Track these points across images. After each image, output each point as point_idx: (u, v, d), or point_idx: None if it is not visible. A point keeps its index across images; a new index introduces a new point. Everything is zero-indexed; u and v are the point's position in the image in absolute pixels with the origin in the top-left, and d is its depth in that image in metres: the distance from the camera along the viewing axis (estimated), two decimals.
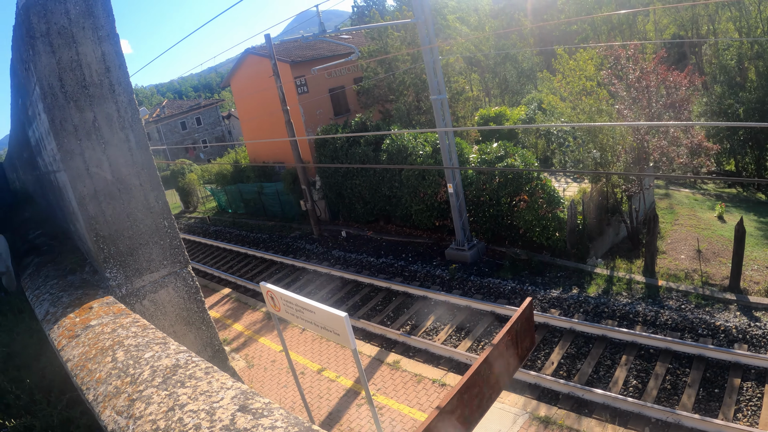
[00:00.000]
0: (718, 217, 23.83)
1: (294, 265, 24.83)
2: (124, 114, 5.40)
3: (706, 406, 11.83)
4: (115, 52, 5.30)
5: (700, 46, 44.20)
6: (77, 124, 5.12)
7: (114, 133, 5.35)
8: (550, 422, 11.63)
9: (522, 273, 19.13)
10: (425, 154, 23.40)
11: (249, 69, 36.68)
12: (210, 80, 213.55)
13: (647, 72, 19.27)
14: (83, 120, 5.15)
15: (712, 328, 14.33)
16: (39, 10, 4.80)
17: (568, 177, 28.03)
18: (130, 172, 5.48)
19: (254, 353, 17.08)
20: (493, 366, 4.73)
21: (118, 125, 5.37)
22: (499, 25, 49.25)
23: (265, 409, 2.32)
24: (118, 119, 5.36)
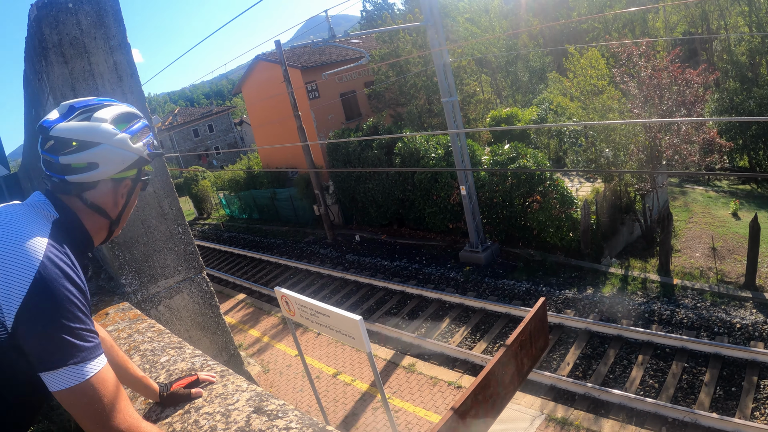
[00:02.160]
0: (733, 214, 23.68)
1: (308, 269, 24.87)
2: None
3: (723, 405, 11.77)
4: (126, 61, 5.34)
5: (711, 42, 43.94)
6: None
7: None
8: (567, 423, 11.61)
9: (536, 274, 19.09)
10: (437, 156, 23.40)
11: (260, 75, 36.77)
12: (221, 87, 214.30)
13: (659, 69, 19.18)
14: None
15: (728, 326, 14.26)
16: (51, 21, 4.85)
17: (581, 177, 27.96)
18: None
19: (270, 358, 17.14)
20: (506, 367, 4.74)
21: None
22: (508, 26, 49.20)
23: (280, 410, 2.34)
24: None
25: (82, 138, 2.00)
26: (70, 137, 1.99)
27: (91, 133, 2.01)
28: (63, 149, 2.00)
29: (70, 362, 1.71)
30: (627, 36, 39.83)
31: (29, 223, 1.89)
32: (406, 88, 30.21)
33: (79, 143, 2.00)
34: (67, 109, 2.06)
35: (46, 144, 2.02)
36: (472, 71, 34.48)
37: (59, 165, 2.00)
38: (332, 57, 34.43)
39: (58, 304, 1.73)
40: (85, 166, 2.02)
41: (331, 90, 33.19)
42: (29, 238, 1.81)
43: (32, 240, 1.80)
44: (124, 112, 2.18)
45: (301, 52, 35.95)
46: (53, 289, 1.73)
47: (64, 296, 1.75)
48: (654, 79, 19.06)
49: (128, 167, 2.15)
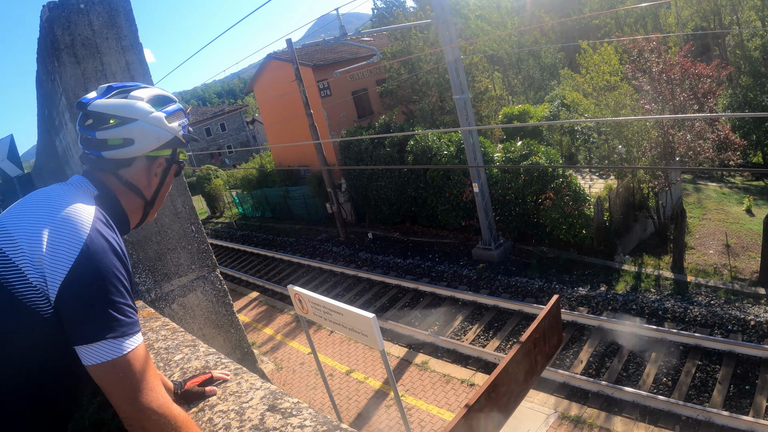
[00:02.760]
0: (747, 211, 23.56)
1: (321, 267, 24.89)
2: None
3: (737, 403, 11.71)
4: (138, 60, 5.38)
5: (723, 37, 43.64)
6: None
7: None
8: (580, 421, 11.57)
9: (549, 271, 19.05)
10: (450, 154, 23.37)
11: (271, 74, 36.83)
12: (233, 86, 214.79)
13: (671, 64, 19.06)
14: None
15: (742, 323, 14.17)
16: (63, 22, 4.88)
17: (594, 174, 27.86)
18: None
19: (283, 356, 17.17)
20: (520, 364, 4.73)
21: None
22: (520, 22, 49.04)
23: (294, 408, 2.35)
24: None
25: (118, 114, 2.07)
26: (107, 113, 2.06)
27: (127, 110, 2.08)
28: (100, 125, 2.06)
29: (108, 336, 1.71)
30: (639, 32, 39.65)
31: (73, 196, 1.92)
32: (418, 86, 30.18)
33: (116, 119, 2.07)
34: (105, 89, 2.14)
35: (85, 121, 2.10)
36: (484, 68, 34.35)
37: (96, 141, 2.07)
38: (344, 55, 34.45)
39: (103, 276, 1.74)
40: (121, 142, 2.08)
41: (343, 88, 33.22)
42: (74, 210, 1.83)
43: (78, 212, 1.83)
44: (160, 94, 2.26)
45: (312, 51, 35.99)
46: (99, 261, 1.75)
47: (110, 270, 1.77)
48: (665, 74, 18.95)
49: (163, 146, 2.21)
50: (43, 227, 1.75)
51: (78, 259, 1.70)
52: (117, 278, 1.78)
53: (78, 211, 1.83)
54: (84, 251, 1.72)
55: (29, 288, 1.69)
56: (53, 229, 1.74)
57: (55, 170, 9.64)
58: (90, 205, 1.90)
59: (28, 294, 1.69)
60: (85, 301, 1.70)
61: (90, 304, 1.71)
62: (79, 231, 1.76)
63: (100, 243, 1.79)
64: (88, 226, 1.79)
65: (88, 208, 1.87)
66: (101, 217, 1.90)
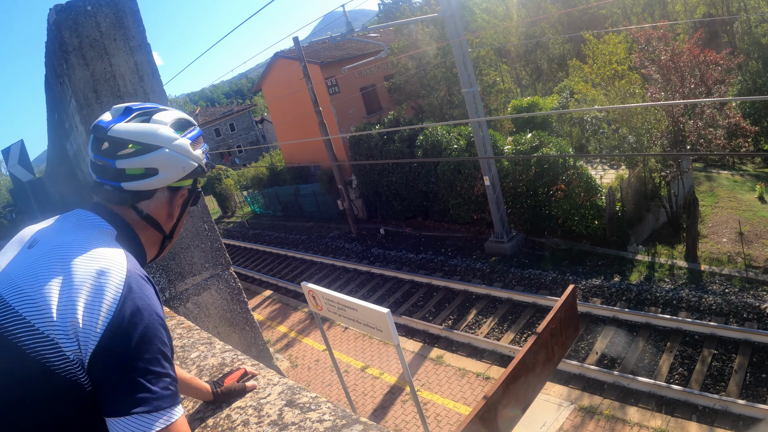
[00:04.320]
0: (759, 198, 23.38)
1: (334, 264, 24.94)
2: None
3: (753, 392, 11.66)
4: (147, 61, 5.37)
5: (731, 23, 43.33)
6: None
7: None
8: (596, 412, 11.55)
9: (562, 263, 19.00)
10: (460, 147, 23.33)
11: (279, 72, 36.89)
12: (241, 86, 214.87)
13: (679, 52, 18.95)
14: None
15: (757, 311, 14.10)
16: (70, 24, 4.88)
17: (605, 164, 27.75)
18: None
19: (298, 353, 17.21)
20: (537, 355, 4.71)
21: None
22: (526, 14, 48.84)
23: (313, 403, 2.34)
24: None
25: (141, 140, 1.85)
26: (128, 139, 1.83)
27: (151, 136, 1.87)
28: (119, 152, 1.84)
29: (137, 410, 1.48)
30: (647, 20, 39.42)
31: (94, 243, 1.69)
32: (426, 80, 30.16)
33: (137, 146, 1.84)
34: (123, 111, 1.91)
35: (101, 146, 1.85)
36: (492, 61, 34.31)
37: (114, 170, 1.84)
38: (351, 52, 34.47)
39: (139, 343, 1.52)
40: (143, 172, 1.87)
41: (351, 85, 33.24)
42: (103, 265, 1.61)
43: (107, 267, 1.61)
44: (182, 117, 2.04)
45: (319, 48, 36.05)
46: (135, 325, 1.54)
47: (147, 335, 1.55)
48: (673, 62, 18.83)
49: (187, 176, 2.01)
50: (70, 289, 1.52)
51: (111, 323, 1.50)
52: (155, 344, 1.56)
53: (107, 265, 1.61)
54: (118, 314, 1.52)
55: (65, 360, 1.47)
56: (80, 289, 1.53)
57: (67, 174, 9.67)
58: (120, 255, 1.68)
59: (64, 365, 1.47)
60: (116, 369, 1.49)
61: (122, 373, 1.49)
62: (111, 289, 1.55)
63: (137, 303, 1.57)
64: (121, 284, 1.57)
65: (118, 260, 1.65)
66: (136, 269, 1.68)
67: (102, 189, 1.88)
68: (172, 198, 2.03)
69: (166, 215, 2.03)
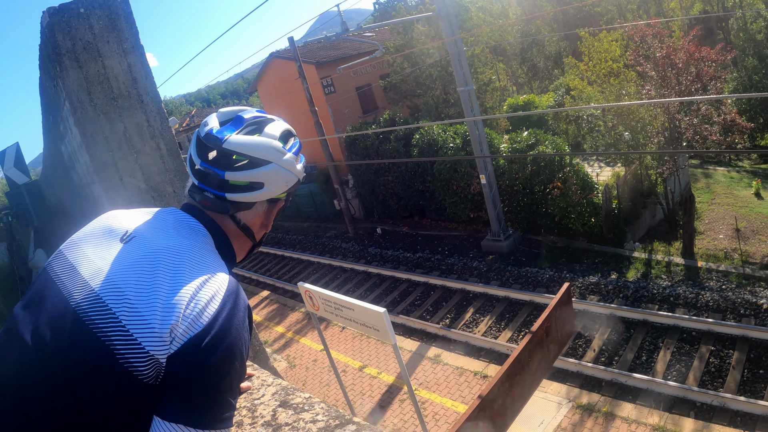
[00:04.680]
0: (756, 194, 23.44)
1: (331, 264, 24.93)
2: (154, 123, 5.47)
3: (751, 388, 11.69)
4: (140, 63, 5.37)
5: (727, 20, 43.39)
6: (108, 135, 5.20)
7: (145, 142, 5.42)
8: (594, 410, 11.56)
9: (559, 261, 19.02)
10: (456, 146, 23.33)
11: (275, 73, 36.84)
12: (237, 86, 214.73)
13: (674, 49, 18.97)
14: (114, 131, 5.22)
15: (754, 307, 14.13)
16: (63, 27, 4.88)
17: (601, 161, 27.80)
18: (162, 179, 5.54)
19: (296, 353, 17.21)
20: (533, 353, 4.72)
21: (148, 134, 5.44)
22: (522, 12, 48.91)
23: (306, 403, 2.34)
24: (148, 128, 5.42)
25: (254, 155, 1.81)
26: (241, 152, 1.79)
27: (263, 151, 1.83)
28: (229, 164, 1.80)
29: (186, 422, 1.43)
30: (642, 18, 39.47)
31: (202, 252, 1.69)
32: (422, 79, 30.16)
33: (249, 160, 1.81)
34: (234, 119, 1.88)
35: (209, 154, 1.81)
36: (487, 59, 34.32)
37: (219, 180, 1.80)
38: (346, 51, 34.43)
39: (220, 361, 1.49)
40: (247, 184, 1.83)
41: (347, 84, 33.20)
42: (210, 275, 1.60)
43: (214, 278, 1.59)
44: (287, 129, 1.99)
45: (315, 48, 36.01)
46: (224, 340, 1.50)
47: (231, 354, 1.52)
48: (669, 59, 18.87)
49: (288, 189, 1.98)
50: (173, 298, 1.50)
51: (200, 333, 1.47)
52: (233, 366, 1.53)
53: (213, 279, 1.58)
54: (209, 325, 1.49)
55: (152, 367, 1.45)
56: (184, 299, 1.50)
57: (62, 177, 9.67)
58: (224, 269, 1.67)
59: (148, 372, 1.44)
60: (185, 377, 1.45)
61: (190, 382, 1.45)
62: (212, 304, 1.52)
63: (231, 322, 1.54)
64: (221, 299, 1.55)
65: (223, 275, 1.63)
66: (237, 287, 1.64)
67: (202, 195, 1.84)
68: (271, 210, 2.03)
69: (260, 225, 2.02)
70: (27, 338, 1.47)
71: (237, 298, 1.60)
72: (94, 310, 1.47)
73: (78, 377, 1.40)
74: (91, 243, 1.72)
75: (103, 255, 1.64)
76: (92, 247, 1.70)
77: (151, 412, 1.45)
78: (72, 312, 1.48)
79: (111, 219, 1.82)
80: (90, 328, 1.44)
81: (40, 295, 1.60)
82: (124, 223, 1.77)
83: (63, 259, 1.70)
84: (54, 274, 1.65)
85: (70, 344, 1.44)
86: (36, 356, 1.44)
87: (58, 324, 1.47)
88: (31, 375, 1.43)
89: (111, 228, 1.76)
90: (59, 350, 1.43)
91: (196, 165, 1.82)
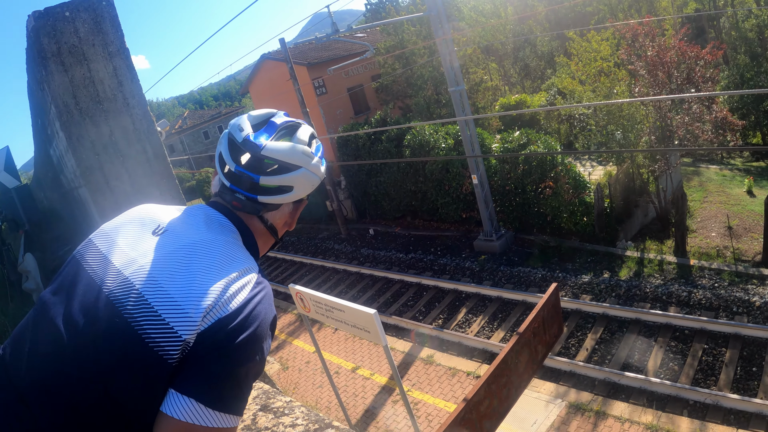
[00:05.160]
0: (748, 192, 23.51)
1: (323, 265, 24.90)
2: (140, 126, 5.45)
3: (744, 386, 11.70)
4: (126, 66, 5.35)
5: (718, 19, 43.54)
6: (94, 139, 5.18)
7: (131, 145, 5.40)
8: (587, 409, 11.58)
9: (552, 260, 19.04)
10: (447, 146, 23.34)
11: (266, 74, 36.82)
12: (229, 88, 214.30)
13: (665, 48, 19.02)
14: (100, 135, 5.21)
15: (747, 305, 14.15)
16: (49, 31, 4.86)
17: (593, 160, 27.84)
18: (149, 182, 5.53)
19: (288, 355, 17.18)
20: (520, 355, 4.71)
21: (134, 138, 5.42)
22: (513, 12, 48.95)
23: (287, 407, 2.34)
24: (134, 132, 5.41)
25: (286, 160, 1.88)
26: (275, 158, 1.86)
27: (296, 156, 1.91)
28: (262, 168, 1.86)
29: (202, 400, 1.44)
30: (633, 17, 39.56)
31: (235, 246, 1.76)
32: (413, 80, 30.16)
33: (281, 165, 1.88)
34: (267, 125, 1.95)
35: (242, 157, 1.87)
36: (479, 59, 34.33)
37: (252, 183, 1.86)
38: (338, 52, 34.43)
39: (244, 344, 1.51)
40: (276, 188, 1.90)
41: (339, 85, 33.20)
42: (244, 267, 1.66)
43: (247, 270, 1.66)
44: (312, 132, 2.07)
45: (306, 49, 35.99)
46: (254, 328, 1.54)
47: (257, 340, 1.55)
48: (660, 57, 18.91)
49: (312, 190, 2.06)
50: (209, 288, 1.53)
51: (228, 316, 1.50)
52: (256, 353, 1.55)
53: (247, 271, 1.65)
54: (238, 309, 1.53)
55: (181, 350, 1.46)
56: (220, 288, 1.53)
57: (52, 180, 9.64)
58: (255, 265, 1.73)
59: (177, 355, 1.47)
60: (207, 354, 1.47)
61: (213, 358, 1.47)
62: (244, 291, 1.57)
63: (259, 311, 1.58)
64: (253, 289, 1.60)
65: (255, 269, 1.70)
66: (267, 287, 1.69)
67: (233, 196, 1.89)
68: (296, 209, 2.11)
69: (284, 224, 2.09)
70: (59, 323, 1.51)
71: (266, 293, 1.66)
72: (127, 297, 1.52)
73: (110, 362, 1.44)
74: (122, 234, 1.78)
75: (136, 246, 1.70)
76: (124, 237, 1.75)
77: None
78: (105, 299, 1.52)
79: (142, 212, 1.89)
80: (123, 315, 1.48)
81: (70, 282, 1.64)
82: (156, 216, 1.84)
83: (93, 248, 1.76)
84: (84, 261, 1.70)
85: (103, 330, 1.47)
86: (68, 341, 1.47)
87: (92, 310, 1.51)
88: (62, 358, 1.46)
89: (143, 220, 1.83)
90: (92, 336, 1.47)
91: (231, 168, 1.87)
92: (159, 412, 1.44)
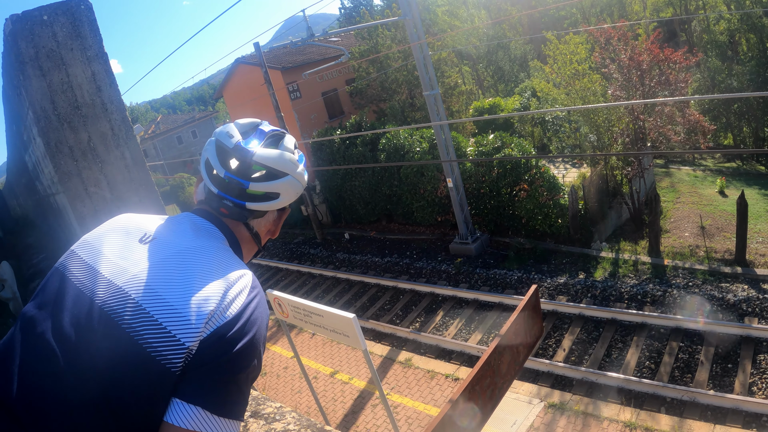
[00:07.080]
0: (720, 192, 23.83)
1: (299, 270, 24.82)
2: (118, 132, 5.40)
3: (720, 382, 11.84)
4: (105, 71, 5.30)
5: (690, 22, 44.11)
6: (72, 145, 5.12)
7: (110, 151, 5.35)
8: (566, 409, 11.64)
9: (527, 262, 19.14)
10: (422, 150, 23.40)
11: (241, 78, 36.69)
12: (203, 93, 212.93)
13: (638, 51, 19.24)
14: (78, 140, 5.15)
15: (721, 303, 14.34)
16: (26, 35, 4.81)
17: (567, 163, 28.07)
18: (128, 189, 5.47)
19: (266, 361, 17.08)
20: (502, 356, 4.74)
21: (113, 143, 5.37)
22: (487, 16, 49.27)
23: (278, 413, 2.33)
24: (112, 137, 5.36)
25: (275, 167, 1.89)
26: (265, 164, 1.87)
27: (283, 164, 1.91)
28: (252, 175, 1.86)
29: (216, 411, 1.44)
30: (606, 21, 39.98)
31: (226, 253, 1.77)
32: (388, 84, 30.21)
33: (269, 171, 1.88)
34: (256, 132, 1.96)
35: (231, 163, 1.87)
36: (453, 63, 34.50)
37: (241, 189, 1.86)
38: (312, 56, 34.40)
39: (243, 350, 1.52)
40: (263, 194, 1.90)
41: (313, 90, 33.16)
42: (238, 272, 1.67)
43: (242, 274, 1.66)
44: (296, 142, 2.07)
45: (280, 53, 35.91)
46: (253, 333, 1.55)
47: (254, 345, 1.56)
48: (633, 60, 19.12)
49: (296, 198, 2.05)
50: (207, 292, 1.53)
51: (228, 322, 1.50)
52: (254, 357, 1.56)
53: (240, 277, 1.65)
54: (237, 316, 1.53)
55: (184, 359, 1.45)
56: (217, 292, 1.54)
57: (26, 186, 9.53)
58: (249, 272, 1.73)
59: (181, 365, 1.45)
60: (208, 361, 1.46)
61: (214, 368, 1.47)
62: (241, 297, 1.57)
63: (256, 315, 1.59)
64: (249, 294, 1.61)
65: (249, 276, 1.70)
66: (262, 292, 1.71)
67: (221, 203, 1.89)
68: (279, 217, 2.09)
69: (267, 231, 2.07)
70: (49, 338, 1.46)
71: (261, 297, 1.67)
72: (123, 308, 1.49)
73: (111, 377, 1.41)
74: (107, 243, 1.74)
75: (125, 255, 1.66)
76: (109, 247, 1.72)
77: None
78: (99, 310, 1.49)
79: (125, 221, 1.85)
80: (121, 326, 1.45)
81: (56, 295, 1.59)
82: (141, 225, 1.81)
83: (77, 259, 1.71)
84: (69, 273, 1.66)
85: (101, 343, 1.44)
86: (63, 357, 1.43)
87: (84, 323, 1.47)
88: (56, 374, 1.42)
89: (127, 229, 1.80)
90: (89, 350, 1.43)
91: (219, 174, 1.86)
92: (163, 423, 1.43)
